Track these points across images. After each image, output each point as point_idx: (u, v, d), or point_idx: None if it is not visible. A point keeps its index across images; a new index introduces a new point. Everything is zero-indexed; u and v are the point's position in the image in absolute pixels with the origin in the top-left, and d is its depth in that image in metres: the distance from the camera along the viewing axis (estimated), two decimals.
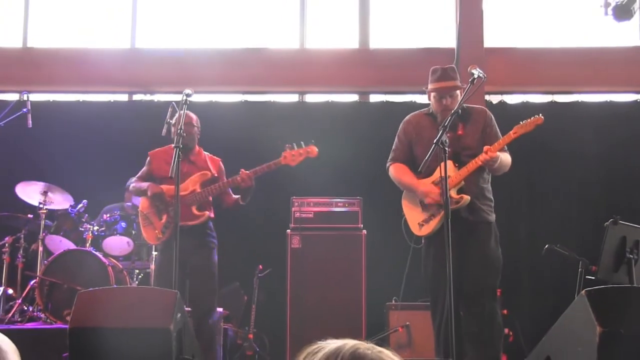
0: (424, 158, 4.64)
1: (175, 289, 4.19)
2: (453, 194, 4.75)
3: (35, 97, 7.64)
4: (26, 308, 6.44)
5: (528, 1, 8.87)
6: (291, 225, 6.41)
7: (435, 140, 4.36)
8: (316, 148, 5.48)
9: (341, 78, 8.54)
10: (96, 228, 6.78)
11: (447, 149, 4.37)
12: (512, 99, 8.25)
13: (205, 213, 5.48)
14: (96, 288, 4.45)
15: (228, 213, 5.80)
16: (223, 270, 5.68)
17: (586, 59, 8.35)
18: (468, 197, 4.75)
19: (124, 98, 8.77)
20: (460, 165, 4.80)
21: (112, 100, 8.63)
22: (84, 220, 6.79)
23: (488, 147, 4.68)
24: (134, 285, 6.67)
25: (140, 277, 6.92)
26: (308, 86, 8.67)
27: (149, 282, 6.63)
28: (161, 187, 5.50)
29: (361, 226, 6.38)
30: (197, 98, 7.16)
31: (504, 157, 4.84)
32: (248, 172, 5.35)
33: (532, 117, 4.72)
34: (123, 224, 6.86)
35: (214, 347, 5.54)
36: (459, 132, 4.91)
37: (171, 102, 5.47)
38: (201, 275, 5.45)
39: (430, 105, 5.05)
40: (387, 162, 5.18)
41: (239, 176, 5.36)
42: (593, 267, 5.19)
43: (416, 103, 8.26)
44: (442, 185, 4.42)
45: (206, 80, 8.29)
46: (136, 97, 8.78)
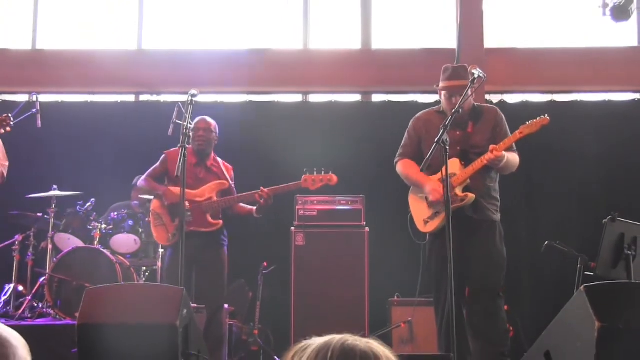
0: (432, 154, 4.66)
1: (182, 286, 4.20)
2: (458, 192, 4.73)
3: (44, 98, 7.65)
4: (36, 304, 6.46)
5: (527, 2, 8.85)
6: (295, 222, 6.41)
7: (436, 139, 4.34)
8: (336, 177, 5.54)
9: (344, 78, 8.53)
10: (104, 226, 6.79)
11: (448, 148, 4.35)
12: (512, 99, 8.24)
13: (219, 222, 5.53)
14: (104, 285, 4.47)
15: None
16: (228, 267, 5.69)
17: (585, 59, 8.34)
18: (473, 196, 4.72)
19: (131, 99, 8.78)
20: (467, 163, 4.77)
21: (119, 100, 8.64)
22: (92, 218, 6.80)
23: (494, 146, 4.65)
24: (141, 282, 6.69)
25: (147, 274, 6.94)
26: (311, 86, 8.66)
27: (156, 279, 6.64)
28: (176, 195, 5.51)
29: (364, 224, 6.37)
30: (202, 98, 7.16)
31: (511, 157, 4.80)
32: (268, 191, 5.38)
33: (538, 118, 4.68)
34: (130, 222, 6.87)
35: (224, 343, 5.56)
36: (469, 130, 4.88)
37: (177, 103, 5.47)
38: (212, 272, 5.47)
39: (441, 103, 5.01)
40: (395, 158, 5.15)
41: (259, 193, 5.40)
42: (592, 264, 5.18)
43: (418, 103, 8.27)
44: (444, 184, 4.40)
45: (211, 80, 8.29)
46: (143, 98, 8.78)
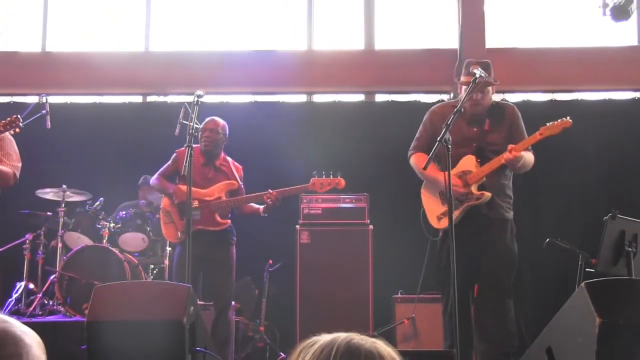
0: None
1: (189, 284, 4.20)
2: (474, 190, 4.67)
3: (53, 100, 7.65)
4: (46, 302, 6.47)
5: (528, 3, 8.83)
6: (300, 221, 6.40)
7: (438, 138, 4.30)
8: (344, 181, 5.53)
9: (347, 78, 8.53)
10: (112, 225, 6.81)
11: (450, 147, 4.29)
12: (513, 98, 8.20)
13: (227, 221, 5.53)
14: (112, 282, 4.47)
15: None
16: (235, 264, 5.69)
17: (585, 59, 8.32)
18: (489, 194, 4.65)
19: (138, 100, 8.79)
20: (483, 160, 4.71)
21: (127, 101, 8.65)
22: (101, 217, 6.81)
23: (512, 146, 4.58)
24: (149, 279, 6.69)
25: (155, 272, 6.94)
26: (315, 87, 8.66)
27: (164, 277, 6.65)
28: (185, 193, 5.54)
29: (368, 221, 6.36)
30: (208, 99, 7.16)
31: (527, 157, 4.75)
32: (276, 193, 5.40)
33: (560, 120, 4.61)
34: (138, 221, 6.88)
35: (231, 340, 5.56)
36: (485, 128, 4.81)
37: (184, 103, 5.47)
38: (220, 270, 5.48)
39: (459, 97, 4.93)
40: (409, 151, 5.06)
41: (267, 195, 5.41)
42: (593, 260, 5.17)
43: (420, 102, 8.27)
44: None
45: (217, 81, 8.30)
46: (150, 99, 8.80)
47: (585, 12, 8.52)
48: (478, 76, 4.48)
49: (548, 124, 4.64)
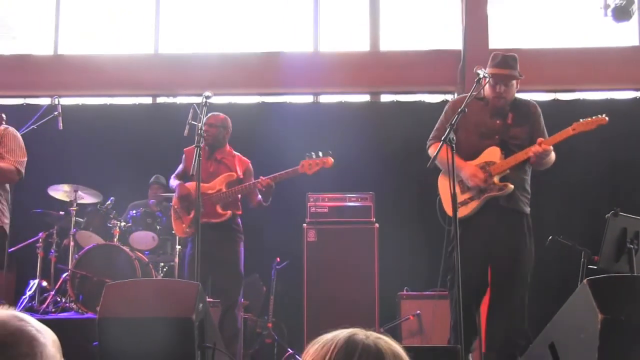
0: (466, 141, 4.61)
1: (198, 281, 4.21)
2: (496, 181, 4.61)
3: (65, 101, 7.67)
4: (59, 299, 6.49)
5: (531, 4, 8.81)
6: (307, 219, 6.40)
7: (442, 137, 4.27)
8: (332, 159, 5.44)
9: (353, 79, 8.52)
10: (123, 224, 6.82)
11: (454, 146, 4.26)
12: None
13: (228, 212, 5.51)
14: (123, 280, 4.47)
15: (247, 209, 5.80)
16: (243, 262, 5.69)
17: (587, 59, 8.29)
18: (512, 187, 4.59)
19: (148, 101, 8.80)
20: (507, 153, 4.64)
21: (137, 103, 8.67)
22: (112, 216, 6.83)
23: (542, 140, 4.53)
24: (159, 277, 6.70)
25: (165, 270, 6.95)
26: (322, 87, 8.66)
27: (174, 275, 6.66)
28: (187, 187, 5.59)
29: (374, 220, 6.36)
30: (217, 100, 7.15)
31: (551, 153, 4.68)
32: (266, 179, 5.37)
33: (595, 117, 4.55)
34: (148, 220, 6.89)
35: (239, 336, 5.56)
36: (509, 122, 4.75)
37: (192, 104, 5.48)
38: (227, 267, 5.48)
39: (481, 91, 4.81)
40: (428, 141, 4.94)
41: (259, 182, 5.39)
42: (595, 257, 5.15)
43: (425, 102, 8.27)
44: (452, 189, 4.23)
45: (225, 82, 8.31)
46: (159, 100, 8.81)
47: (586, 13, 8.48)
48: (482, 76, 4.45)
49: (582, 120, 4.56)
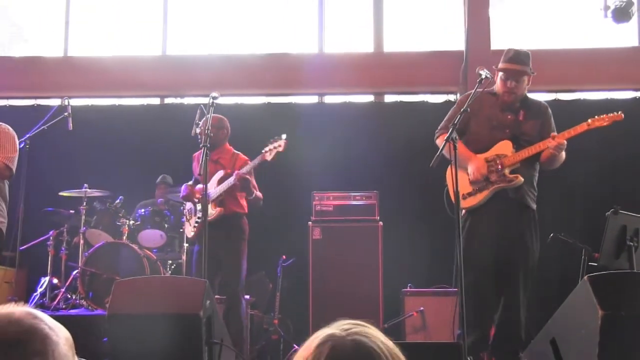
0: (478, 133, 4.63)
1: (205, 279, 4.21)
2: (507, 173, 4.59)
3: (75, 102, 7.70)
4: (70, 296, 6.51)
5: (532, 6, 8.79)
6: (312, 217, 6.41)
7: (446, 137, 4.25)
8: (284, 143, 5.19)
9: (357, 80, 8.52)
10: (132, 222, 6.84)
11: (457, 145, 4.24)
12: None
13: (218, 209, 5.45)
14: (132, 277, 4.48)
15: (254, 208, 5.79)
16: (249, 260, 5.69)
17: (587, 59, 8.27)
18: (522, 179, 4.57)
19: (156, 102, 8.82)
20: (517, 148, 4.63)
21: (145, 104, 8.68)
22: (121, 215, 6.84)
23: (555, 134, 4.52)
24: (167, 274, 6.72)
25: (172, 267, 6.97)
26: (327, 88, 8.65)
27: (182, 272, 6.67)
28: (189, 189, 5.66)
29: (378, 218, 6.36)
30: (224, 100, 7.19)
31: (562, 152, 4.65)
32: (239, 173, 5.33)
33: (612, 113, 4.54)
34: (157, 219, 6.91)
35: (244, 333, 5.56)
36: (520, 118, 4.74)
37: (199, 105, 5.49)
38: (229, 266, 5.48)
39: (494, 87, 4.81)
40: (437, 132, 4.89)
41: (235, 178, 5.35)
42: (595, 255, 5.14)
43: (428, 103, 8.26)
44: (455, 184, 4.22)
45: (232, 83, 8.31)
46: (167, 101, 8.82)
47: (587, 15, 8.46)
48: (484, 77, 4.44)
49: (597, 116, 4.55)
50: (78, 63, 8.79)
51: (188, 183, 5.77)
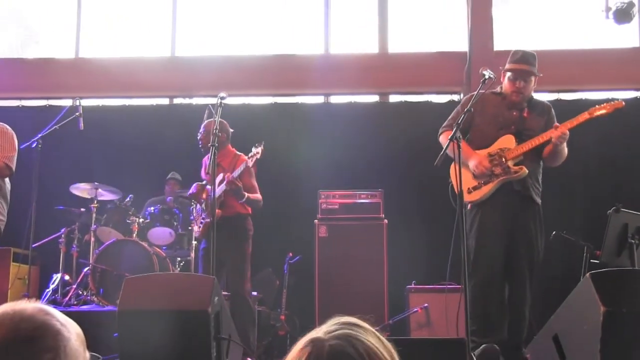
0: (484, 130, 4.63)
1: (213, 276, 4.21)
2: (511, 165, 4.58)
3: (86, 103, 7.72)
4: (81, 293, 6.52)
5: (534, 7, 8.77)
6: (318, 215, 6.41)
7: (449, 136, 4.25)
8: (261, 150, 5.31)
9: (363, 80, 8.51)
10: (141, 220, 6.84)
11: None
12: None
13: (218, 211, 5.41)
14: (142, 274, 4.49)
15: (256, 209, 5.76)
16: (257, 257, 5.70)
17: (589, 60, 8.25)
18: (526, 170, 4.55)
19: (165, 102, 8.82)
20: (520, 143, 4.61)
21: (154, 104, 8.69)
22: (131, 213, 6.85)
23: (558, 124, 4.51)
24: (176, 271, 6.72)
25: (181, 265, 6.97)
26: (332, 88, 8.65)
27: (190, 269, 6.67)
28: (198, 188, 5.70)
29: (383, 216, 6.36)
30: (231, 101, 7.19)
31: (565, 146, 4.64)
32: (228, 177, 5.33)
33: (612, 102, 4.54)
34: (166, 216, 6.92)
35: (251, 329, 5.55)
36: (524, 115, 4.73)
37: (208, 105, 5.49)
38: (234, 264, 5.47)
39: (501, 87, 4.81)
40: (441, 129, 4.88)
41: (227, 182, 5.36)
42: (597, 252, 5.13)
43: (432, 103, 8.25)
44: (459, 182, 4.19)
45: (239, 84, 8.31)
46: (176, 101, 8.83)
47: (588, 16, 8.44)
48: (487, 77, 4.44)
49: (598, 105, 4.55)
50: (89, 65, 8.80)
51: (199, 182, 5.77)
